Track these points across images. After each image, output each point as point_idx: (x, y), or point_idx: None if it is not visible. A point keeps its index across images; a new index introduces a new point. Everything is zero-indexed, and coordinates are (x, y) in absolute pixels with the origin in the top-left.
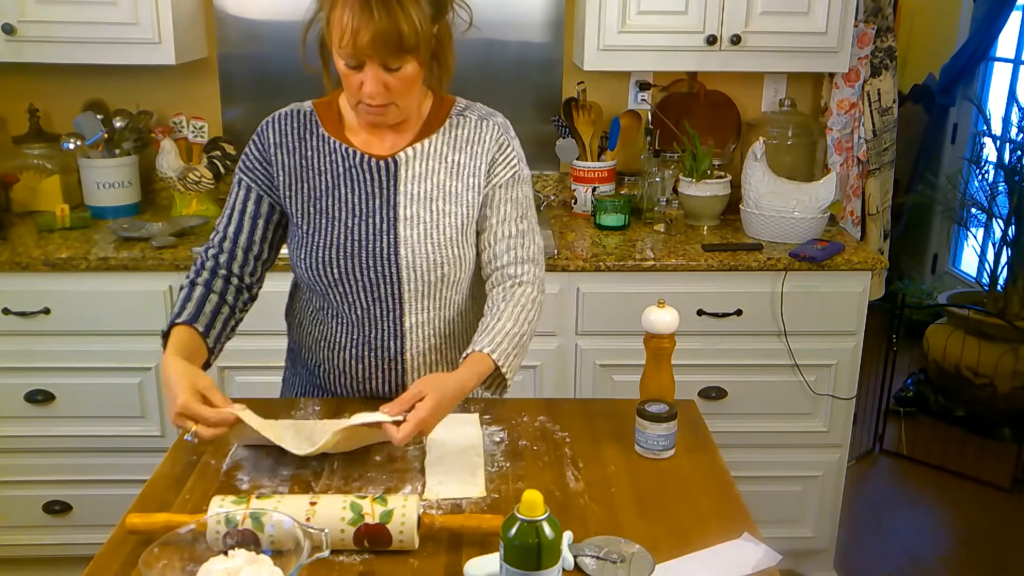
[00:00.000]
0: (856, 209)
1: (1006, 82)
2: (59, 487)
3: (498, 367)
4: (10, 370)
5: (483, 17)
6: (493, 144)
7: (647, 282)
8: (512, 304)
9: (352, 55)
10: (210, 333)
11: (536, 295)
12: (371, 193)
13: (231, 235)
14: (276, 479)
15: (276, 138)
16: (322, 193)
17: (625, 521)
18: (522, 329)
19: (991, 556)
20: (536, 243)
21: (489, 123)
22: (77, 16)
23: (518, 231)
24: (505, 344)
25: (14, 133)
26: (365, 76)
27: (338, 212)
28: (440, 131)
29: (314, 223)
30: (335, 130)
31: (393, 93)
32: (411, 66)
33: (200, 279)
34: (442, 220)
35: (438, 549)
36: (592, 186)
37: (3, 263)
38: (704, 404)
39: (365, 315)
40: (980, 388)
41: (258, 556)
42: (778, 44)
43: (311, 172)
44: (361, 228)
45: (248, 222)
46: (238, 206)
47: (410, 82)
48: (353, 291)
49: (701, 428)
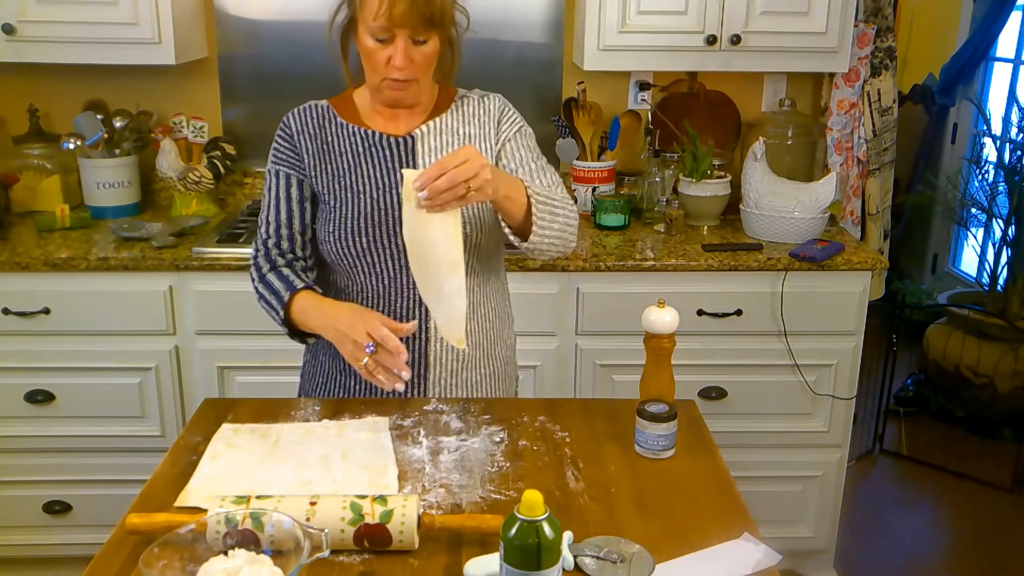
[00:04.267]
0: (856, 209)
1: (1006, 82)
2: (59, 487)
3: (528, 194)
4: (10, 370)
5: (483, 17)
6: (496, 111)
7: (647, 282)
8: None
9: (385, 27)
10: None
11: (570, 202)
12: (392, 168)
13: (284, 222)
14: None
15: (298, 126)
16: (345, 171)
17: (625, 521)
18: (552, 201)
19: (991, 556)
20: (556, 179)
21: (490, 97)
22: (77, 16)
23: (538, 168)
24: (539, 190)
25: (14, 133)
26: (395, 49)
27: (362, 186)
28: (449, 110)
29: (340, 198)
30: (352, 118)
31: (417, 68)
32: (434, 43)
33: (279, 263)
34: None
35: (438, 549)
36: (592, 186)
37: (3, 263)
38: (704, 404)
39: (391, 284)
40: (980, 388)
41: (258, 556)
42: (778, 44)
43: (333, 154)
44: (386, 199)
45: (297, 207)
46: (282, 194)
47: (431, 59)
48: (381, 260)
49: (701, 428)
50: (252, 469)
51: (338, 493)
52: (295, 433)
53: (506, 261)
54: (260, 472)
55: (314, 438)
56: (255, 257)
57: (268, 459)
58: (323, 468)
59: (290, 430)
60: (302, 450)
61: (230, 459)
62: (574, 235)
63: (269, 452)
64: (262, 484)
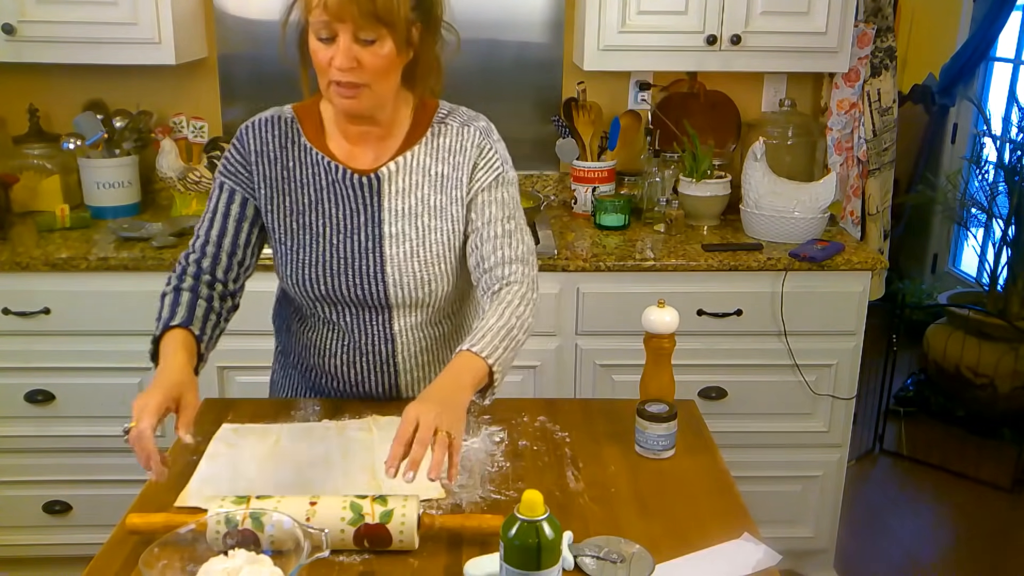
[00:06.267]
0: (856, 209)
1: (1006, 82)
2: (59, 487)
3: (484, 359)
4: (10, 370)
5: (483, 17)
6: (474, 150)
7: (647, 282)
8: (498, 303)
9: (325, 21)
10: (203, 338)
11: (526, 292)
12: (355, 209)
13: (215, 239)
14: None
15: (257, 145)
16: (305, 207)
17: (625, 521)
18: (508, 323)
19: (991, 556)
20: (525, 243)
21: (470, 129)
22: (77, 16)
23: (504, 231)
24: (489, 338)
25: (14, 133)
26: (336, 48)
27: (322, 228)
28: (422, 141)
29: (298, 239)
30: (316, 139)
31: (366, 71)
32: (386, 45)
33: (185, 284)
34: (428, 236)
35: (438, 549)
36: (592, 186)
37: (3, 263)
38: (704, 404)
39: (354, 322)
40: (980, 388)
41: (258, 556)
42: (778, 44)
43: (293, 184)
44: (346, 245)
45: (233, 225)
46: (221, 208)
47: (385, 64)
48: (340, 303)
49: (701, 428)
50: (252, 469)
51: (338, 493)
52: (295, 433)
53: None
54: (260, 472)
55: (314, 438)
56: (175, 266)
57: (268, 459)
58: (323, 468)
59: (290, 430)
60: (302, 450)
61: (230, 459)
62: (535, 319)
63: (269, 452)
64: (262, 484)
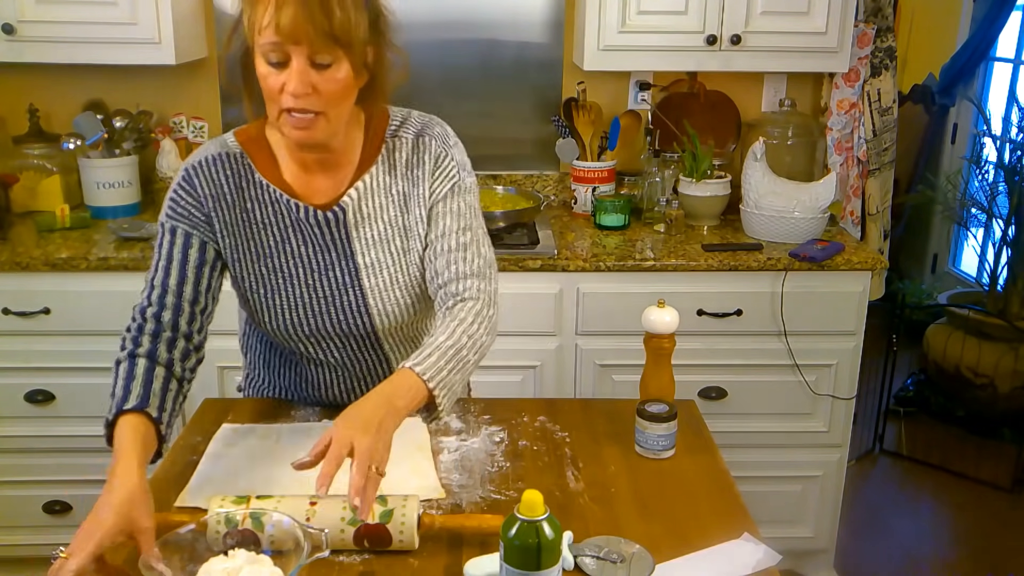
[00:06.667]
0: (856, 209)
1: (1006, 82)
2: (59, 487)
3: (425, 383)
4: (10, 370)
5: (483, 17)
6: (431, 161)
7: (647, 282)
8: (450, 320)
9: (275, 43)
10: (163, 417)
11: (481, 308)
12: (324, 245)
13: (174, 287)
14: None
15: (210, 188)
16: (272, 250)
17: (625, 521)
18: (458, 342)
19: (991, 556)
20: (482, 256)
21: (425, 139)
22: (77, 16)
23: (459, 244)
24: (435, 357)
25: (14, 133)
26: (289, 73)
27: (294, 268)
28: (379, 160)
29: (270, 284)
30: (271, 172)
31: (321, 98)
32: (343, 68)
33: (141, 349)
34: (403, 259)
35: (438, 549)
36: (592, 186)
37: (3, 263)
38: (704, 404)
39: (344, 353)
40: (980, 388)
41: (258, 556)
42: (778, 44)
43: (255, 227)
44: (322, 283)
45: (193, 272)
46: (177, 255)
47: (341, 89)
48: (326, 339)
49: (701, 428)
50: (252, 469)
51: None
52: (295, 433)
53: (505, 260)
54: (260, 472)
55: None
56: (129, 324)
57: (268, 459)
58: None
59: (290, 430)
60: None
61: (230, 459)
62: (491, 337)
63: (269, 452)
64: (262, 484)
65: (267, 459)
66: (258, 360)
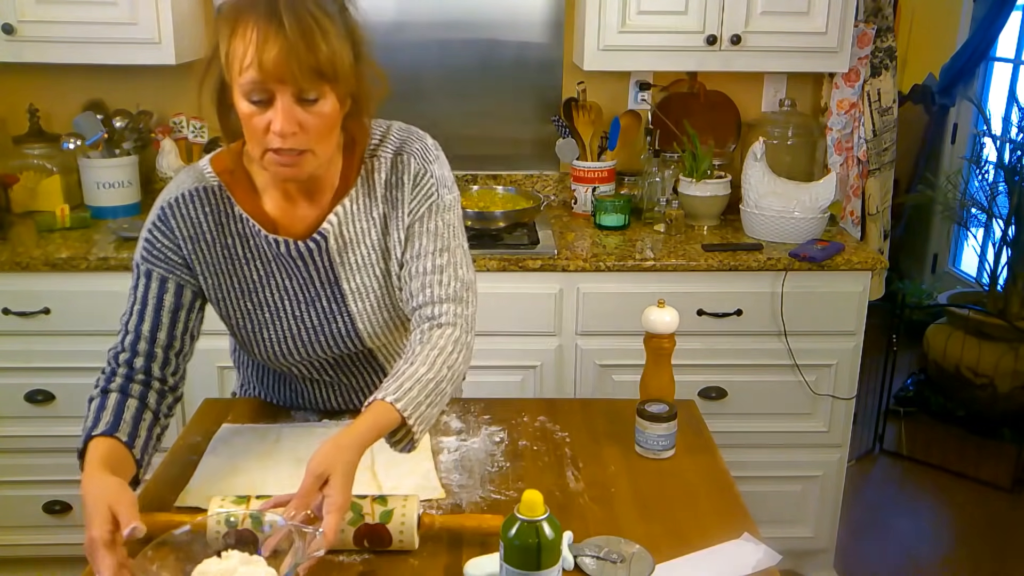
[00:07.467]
0: (856, 209)
1: (1006, 82)
2: (59, 487)
3: (404, 420)
4: (10, 370)
5: (483, 17)
6: (409, 181)
7: (647, 282)
8: (429, 347)
9: (258, 81)
10: (135, 443)
11: (459, 335)
12: (309, 276)
13: (146, 334)
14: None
15: (188, 229)
16: (256, 285)
17: (625, 521)
18: (439, 375)
19: (991, 556)
20: (459, 278)
21: (403, 157)
22: (77, 16)
23: (434, 267)
24: (415, 392)
25: (14, 133)
26: (274, 112)
27: (280, 302)
28: (358, 182)
29: (257, 319)
30: (251, 205)
31: (309, 135)
32: (329, 102)
33: (113, 385)
34: (388, 281)
35: (438, 549)
36: (592, 186)
37: (3, 263)
38: (704, 404)
39: (338, 372)
40: (980, 388)
41: (252, 557)
42: (778, 44)
43: (237, 262)
44: (310, 313)
45: (168, 317)
46: (152, 300)
47: (329, 124)
48: (319, 362)
49: (701, 428)
50: (252, 469)
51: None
52: (295, 433)
53: (505, 260)
54: (260, 472)
55: (314, 438)
56: (104, 367)
57: (268, 459)
58: None
59: (290, 430)
60: (302, 450)
61: (230, 459)
62: (467, 365)
63: (269, 452)
64: (262, 484)
65: (267, 459)
66: (252, 376)
